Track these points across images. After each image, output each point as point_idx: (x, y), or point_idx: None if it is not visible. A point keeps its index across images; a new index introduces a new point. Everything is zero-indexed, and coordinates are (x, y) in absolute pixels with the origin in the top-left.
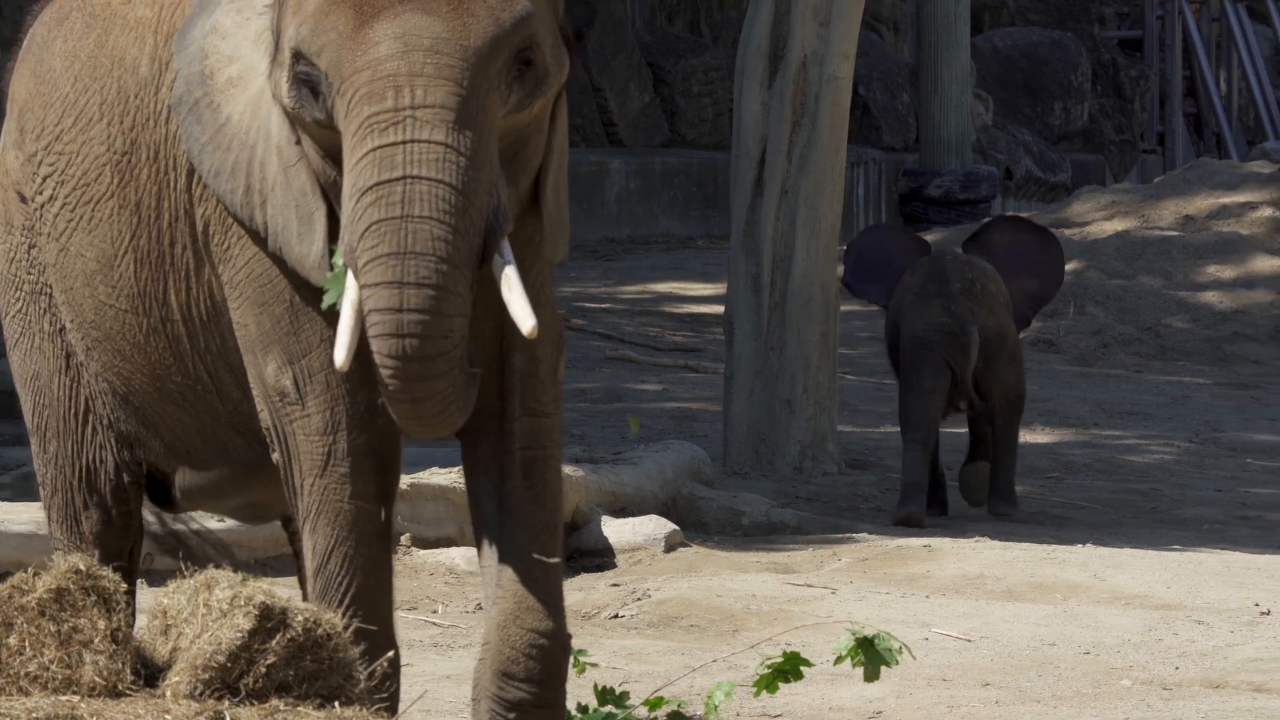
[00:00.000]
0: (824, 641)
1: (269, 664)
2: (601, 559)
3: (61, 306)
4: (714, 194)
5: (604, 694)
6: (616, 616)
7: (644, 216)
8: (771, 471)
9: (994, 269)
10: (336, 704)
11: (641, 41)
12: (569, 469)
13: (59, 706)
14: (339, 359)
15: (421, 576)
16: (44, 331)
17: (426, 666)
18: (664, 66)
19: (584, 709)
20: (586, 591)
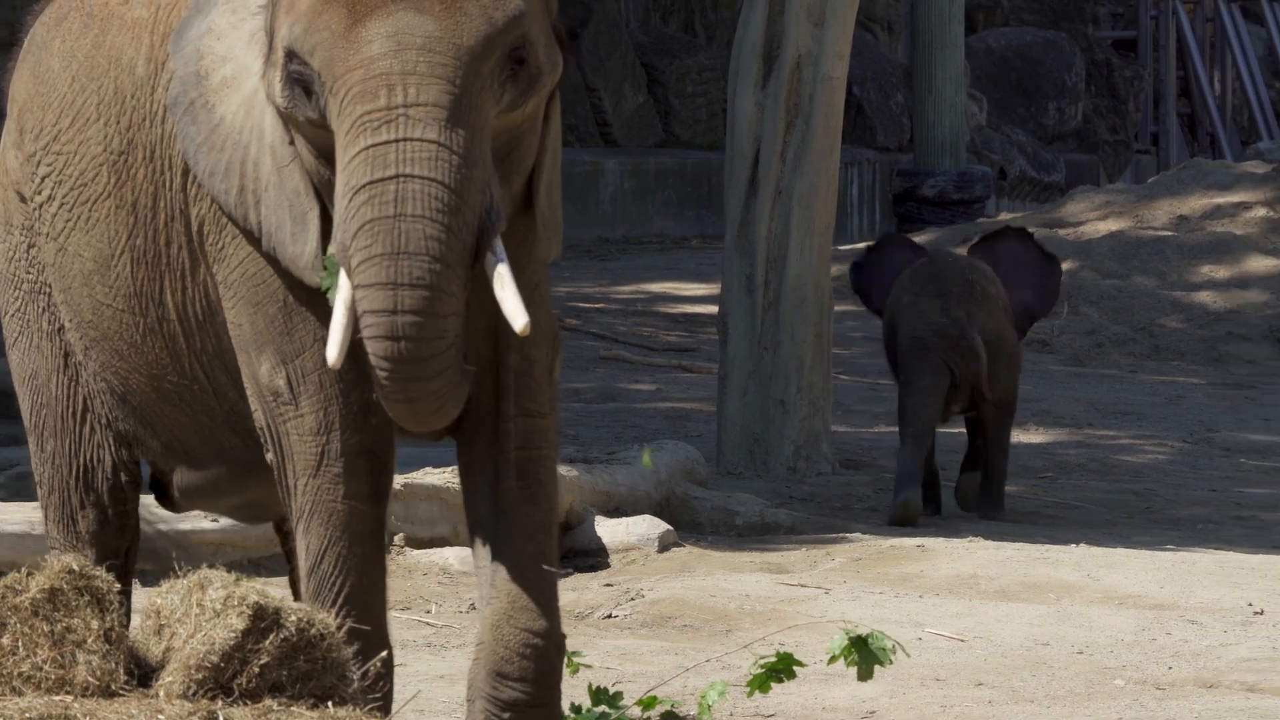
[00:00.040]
0: (817, 641)
1: (262, 664)
2: (595, 559)
3: (60, 306)
4: (708, 194)
5: (598, 694)
6: (610, 616)
7: (638, 217)
8: (765, 471)
9: (993, 271)
10: (330, 704)
11: (636, 42)
12: (563, 469)
13: (52, 706)
14: (331, 357)
15: (415, 576)
16: (42, 330)
17: (420, 666)
18: (658, 67)
19: (578, 709)
20: (580, 591)
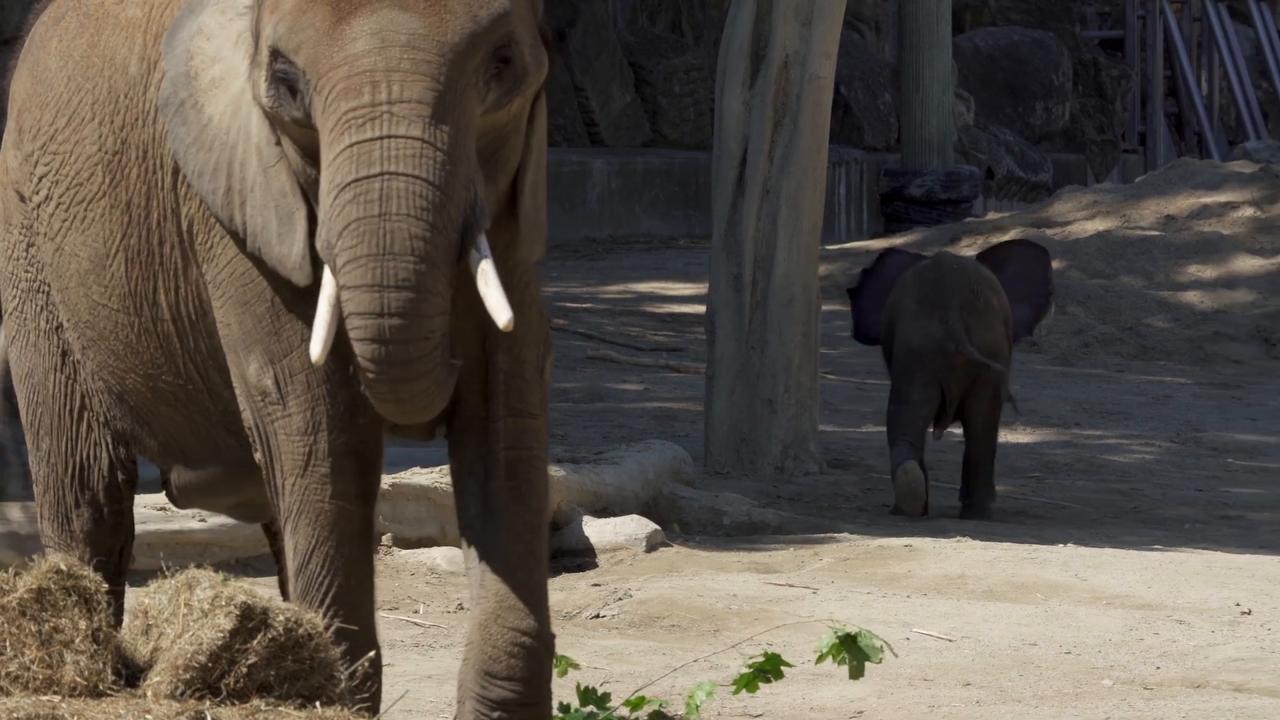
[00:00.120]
0: (805, 641)
1: (250, 664)
2: (583, 559)
3: (58, 305)
4: (696, 194)
5: (586, 694)
6: (598, 616)
7: (626, 216)
8: (753, 471)
9: (997, 280)
10: (318, 704)
11: (623, 41)
12: (550, 469)
13: (40, 706)
14: (315, 354)
15: (403, 576)
16: (40, 329)
17: (408, 666)
18: (646, 66)
19: (566, 709)
20: (568, 591)
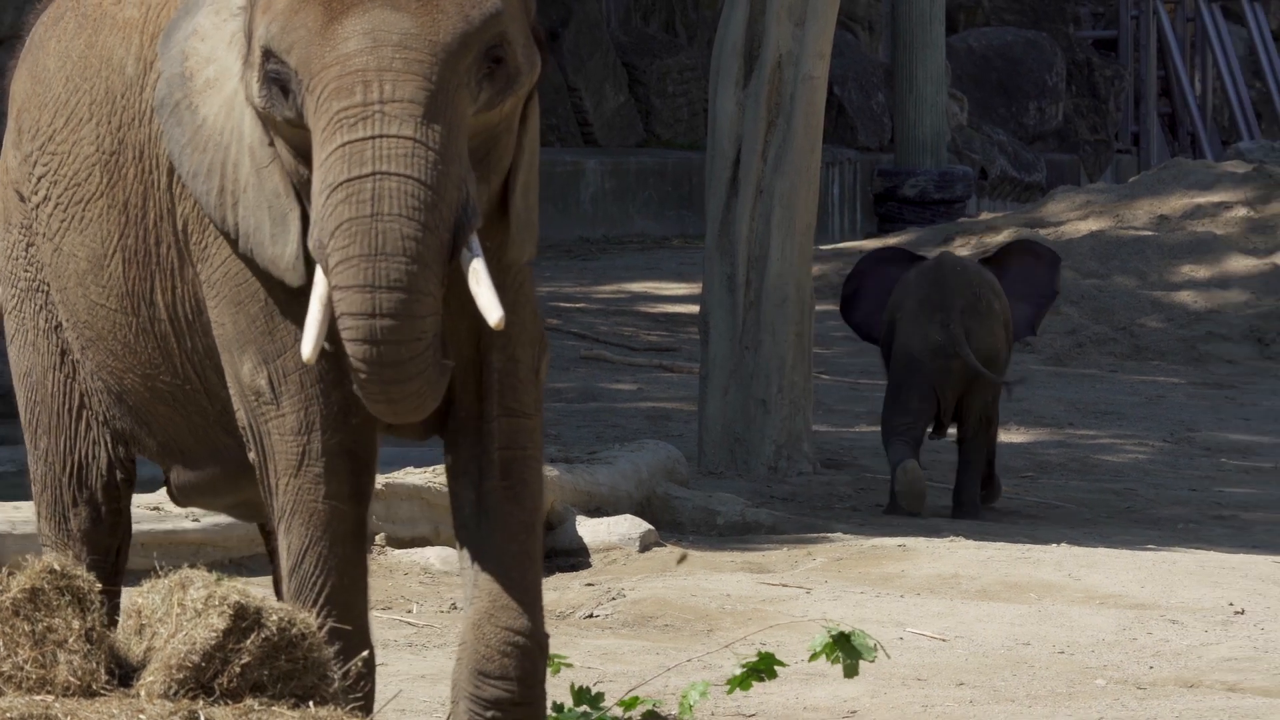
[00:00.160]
0: (798, 641)
1: (243, 664)
2: (576, 559)
3: (58, 305)
4: (689, 194)
5: (580, 694)
6: (591, 616)
7: (619, 216)
8: (746, 471)
9: (999, 284)
10: (311, 704)
11: (617, 41)
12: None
13: (33, 706)
14: (306, 352)
15: (396, 576)
16: (39, 328)
17: (401, 666)
18: (639, 66)
19: (559, 708)
20: (561, 591)
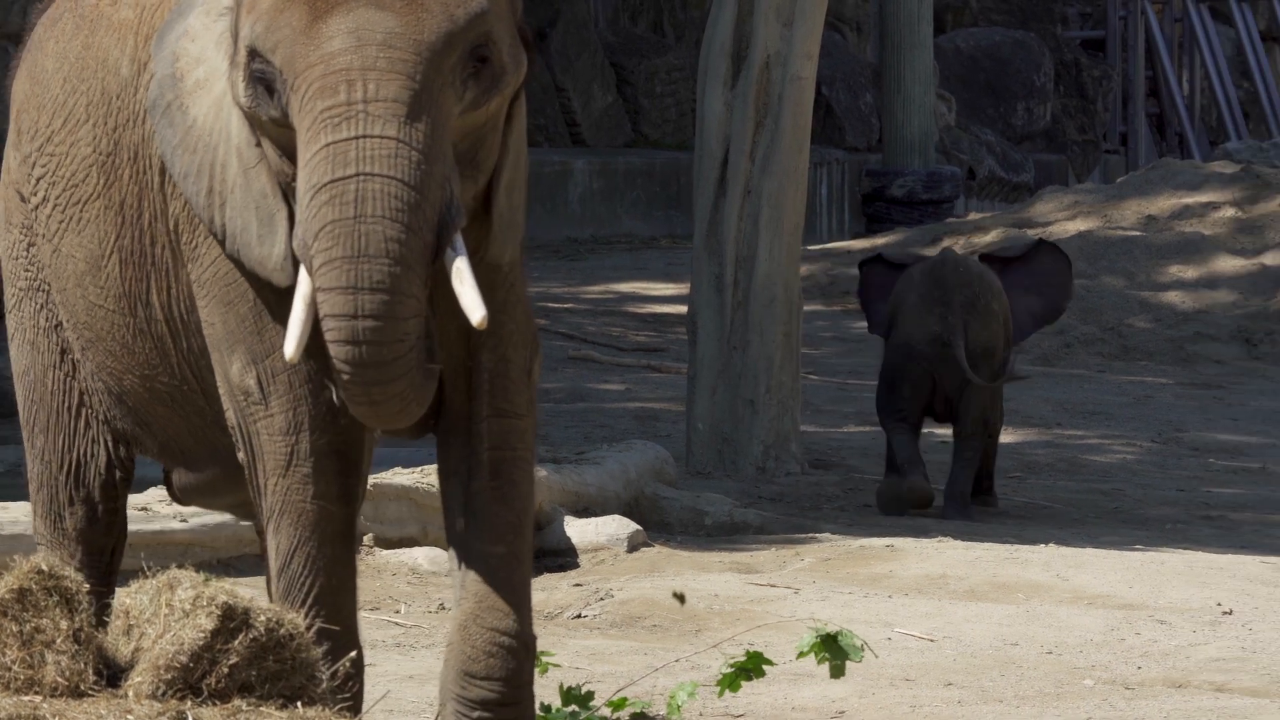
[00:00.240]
0: (786, 641)
1: (231, 664)
2: (564, 559)
3: (58, 306)
4: (677, 194)
5: (568, 694)
6: (579, 616)
7: (607, 216)
8: (734, 471)
9: (1000, 285)
10: (299, 704)
11: (604, 41)
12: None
13: (21, 707)
14: (289, 351)
15: (384, 576)
16: (39, 326)
17: (389, 666)
18: (627, 66)
19: (547, 709)
20: (549, 591)
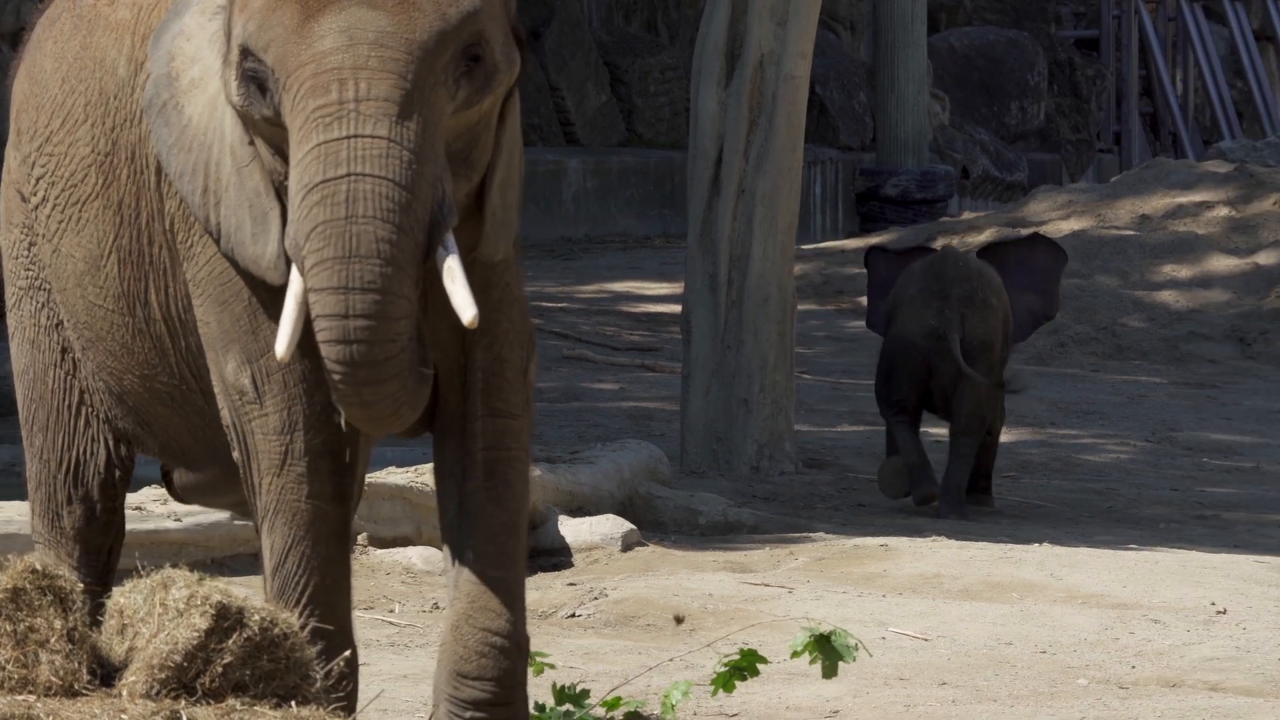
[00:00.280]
0: (781, 640)
1: (225, 663)
2: (558, 558)
3: (59, 306)
4: (671, 193)
5: (561, 693)
6: (573, 616)
7: (601, 216)
8: (728, 471)
9: (1000, 281)
10: (293, 703)
11: (599, 41)
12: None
13: (15, 706)
14: (280, 350)
15: (378, 575)
16: (40, 325)
17: (383, 666)
18: (621, 66)
19: (541, 708)
20: (543, 591)
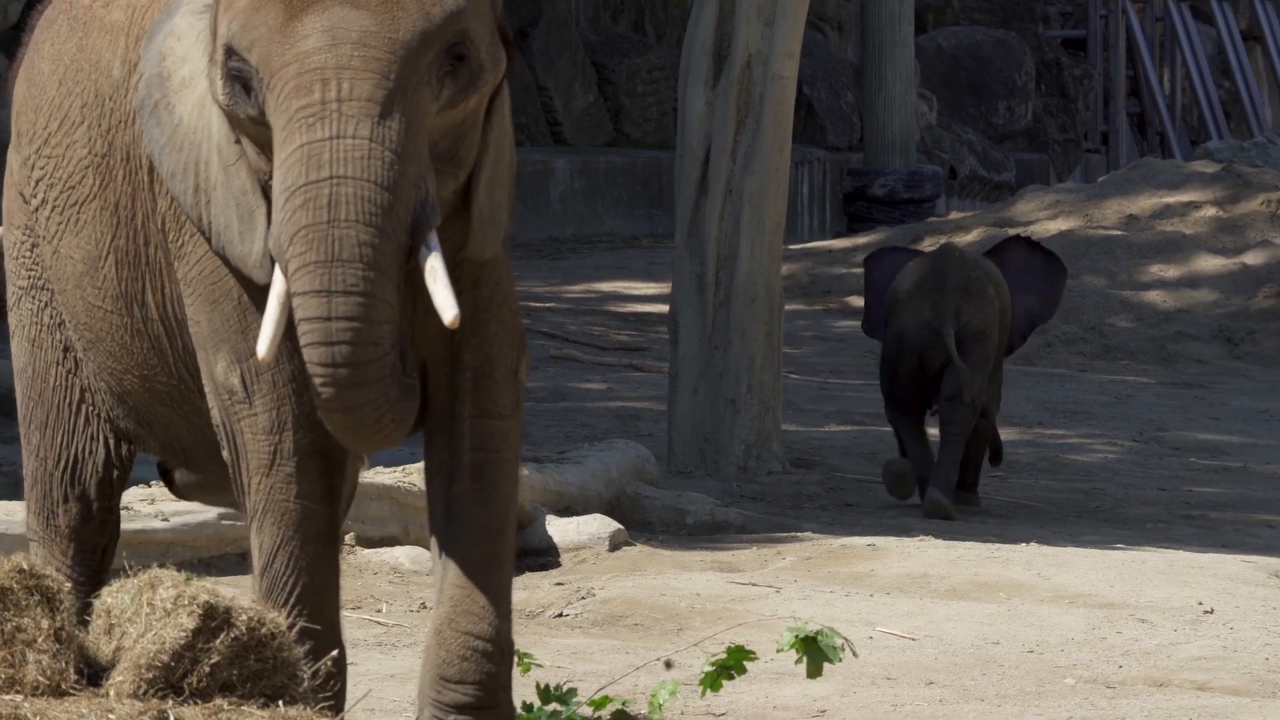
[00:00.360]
0: (768, 640)
1: (213, 663)
2: (546, 558)
3: (60, 306)
4: (658, 193)
5: (547, 692)
6: (561, 615)
7: (588, 215)
8: (716, 470)
9: (1000, 274)
10: (280, 703)
11: (586, 41)
12: None
13: (2, 706)
14: (262, 350)
15: (365, 575)
16: (41, 324)
17: (370, 665)
18: (608, 66)
19: (528, 708)
20: (531, 590)
